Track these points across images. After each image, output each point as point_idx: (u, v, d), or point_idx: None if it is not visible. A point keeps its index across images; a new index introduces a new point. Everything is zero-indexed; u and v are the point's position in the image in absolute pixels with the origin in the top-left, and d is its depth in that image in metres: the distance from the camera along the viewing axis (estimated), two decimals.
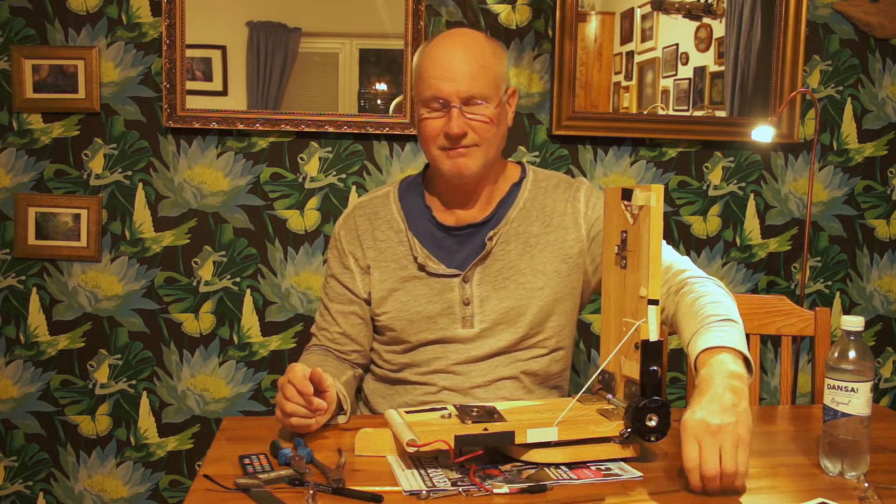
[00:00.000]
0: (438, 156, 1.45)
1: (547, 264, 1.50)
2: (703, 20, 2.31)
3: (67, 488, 2.29)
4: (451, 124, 1.40)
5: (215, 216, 2.27)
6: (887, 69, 2.44)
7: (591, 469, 1.16)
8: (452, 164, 1.44)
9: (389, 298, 1.51)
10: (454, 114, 1.40)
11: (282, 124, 2.22)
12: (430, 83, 1.41)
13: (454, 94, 1.40)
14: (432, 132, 1.44)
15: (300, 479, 1.10)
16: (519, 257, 1.49)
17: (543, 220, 1.52)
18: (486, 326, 1.48)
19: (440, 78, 1.41)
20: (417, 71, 1.46)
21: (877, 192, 2.48)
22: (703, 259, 2.42)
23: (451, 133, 1.41)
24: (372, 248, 1.54)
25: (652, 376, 1.15)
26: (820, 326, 1.78)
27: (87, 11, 2.19)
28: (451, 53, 1.42)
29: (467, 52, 1.42)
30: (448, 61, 1.41)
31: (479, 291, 1.48)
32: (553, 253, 1.50)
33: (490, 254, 1.49)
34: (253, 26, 2.19)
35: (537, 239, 1.51)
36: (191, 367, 2.29)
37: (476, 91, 1.41)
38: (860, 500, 1.06)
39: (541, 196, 1.54)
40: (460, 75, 1.40)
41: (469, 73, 1.41)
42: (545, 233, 1.52)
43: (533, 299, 1.48)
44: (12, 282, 2.24)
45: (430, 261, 1.49)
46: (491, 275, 1.48)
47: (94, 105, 2.20)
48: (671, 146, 2.38)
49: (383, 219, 1.55)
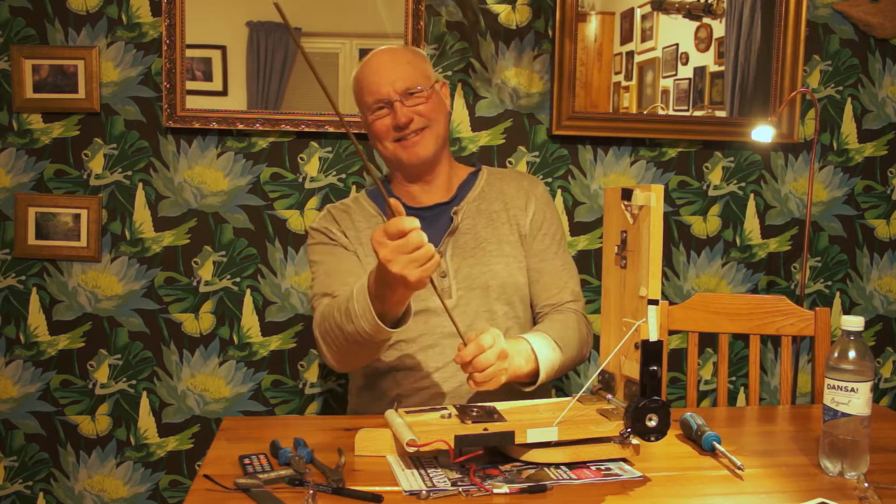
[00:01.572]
0: (394, 149, 1.61)
1: (510, 235, 1.67)
2: (703, 20, 2.31)
3: (67, 488, 2.29)
4: (397, 115, 1.57)
5: (215, 216, 2.27)
6: (887, 69, 2.44)
7: (591, 469, 1.16)
8: (409, 153, 1.60)
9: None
10: (397, 106, 1.57)
11: (282, 124, 2.22)
12: (370, 89, 1.59)
13: (392, 91, 1.57)
14: (383, 129, 1.60)
15: (300, 479, 1.10)
16: (485, 230, 1.65)
17: (503, 200, 1.70)
18: (462, 294, 1.60)
19: (376, 82, 1.58)
20: (356, 88, 1.65)
21: (877, 192, 2.48)
22: (703, 259, 2.42)
23: (400, 122, 1.57)
24: (351, 228, 1.66)
25: (652, 376, 1.15)
26: (820, 326, 1.78)
27: (87, 11, 2.19)
28: (379, 60, 1.61)
29: (393, 56, 1.62)
30: (379, 66, 1.60)
31: (454, 263, 1.62)
32: (513, 227, 1.67)
33: (458, 228, 1.64)
34: (253, 26, 2.19)
35: (498, 215, 1.68)
36: (191, 367, 2.29)
37: (410, 82, 1.58)
38: (860, 500, 1.06)
39: (497, 182, 1.73)
40: (393, 75, 1.58)
41: (399, 70, 1.59)
42: (505, 210, 1.69)
43: (502, 264, 1.64)
44: (12, 282, 2.24)
45: None
46: (461, 247, 1.63)
47: (94, 105, 2.20)
48: (671, 146, 2.38)
49: (357, 212, 1.70)
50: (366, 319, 1.32)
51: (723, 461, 1.22)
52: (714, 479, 1.16)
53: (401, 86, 1.58)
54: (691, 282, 2.43)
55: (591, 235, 2.37)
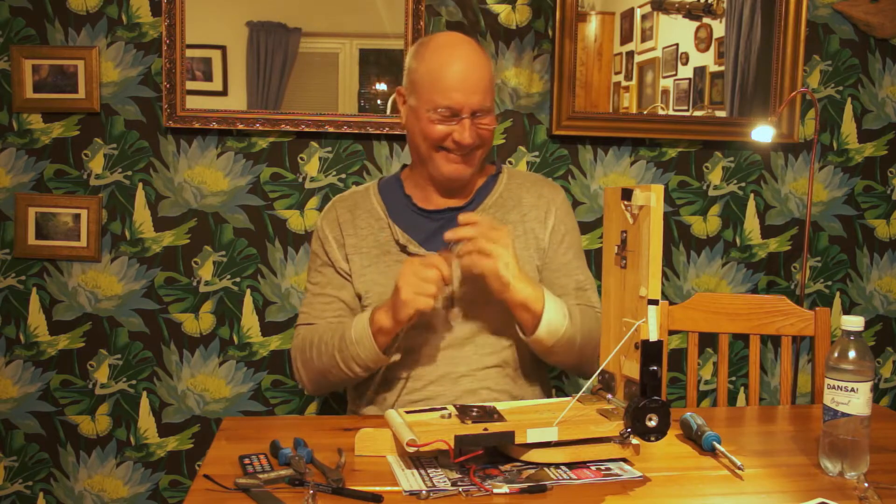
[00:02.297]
0: (436, 157, 1.54)
1: (523, 251, 1.58)
2: (703, 20, 2.31)
3: (67, 488, 2.29)
4: (465, 135, 1.49)
5: (215, 216, 2.27)
6: (887, 69, 2.44)
7: (591, 469, 1.16)
8: (454, 169, 1.54)
9: (373, 282, 1.56)
10: (467, 124, 1.50)
11: (282, 124, 2.22)
12: (447, 94, 1.49)
13: (467, 107, 1.49)
14: (438, 135, 1.51)
15: (300, 479, 1.10)
16: None
17: (521, 211, 1.62)
18: (466, 304, 1.53)
19: (457, 90, 1.48)
20: (426, 77, 1.52)
21: (877, 192, 2.48)
22: (703, 259, 2.42)
23: (465, 143, 1.50)
24: (352, 234, 1.60)
25: (652, 376, 1.15)
26: (820, 326, 1.78)
27: (87, 11, 2.19)
28: (465, 66, 1.50)
29: (478, 66, 1.51)
30: (464, 74, 1.49)
31: (458, 272, 1.53)
32: (528, 241, 1.60)
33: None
34: (253, 26, 2.19)
35: (514, 226, 1.59)
36: (191, 367, 2.29)
37: (485, 103, 1.51)
38: (860, 500, 1.06)
39: (516, 189, 1.64)
40: (474, 89, 1.49)
41: (481, 87, 1.50)
42: (522, 222, 1.61)
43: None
44: (12, 282, 2.24)
45: (410, 244, 1.56)
46: None
47: (94, 105, 2.20)
48: (671, 146, 2.38)
49: (363, 209, 1.63)
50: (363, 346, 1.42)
51: (723, 461, 1.22)
52: (714, 479, 1.16)
53: (477, 104, 1.50)
54: (691, 282, 2.43)
55: (591, 235, 2.37)
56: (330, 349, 1.49)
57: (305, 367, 1.56)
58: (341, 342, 1.47)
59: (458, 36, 1.58)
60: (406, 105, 1.59)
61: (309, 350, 1.54)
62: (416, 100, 1.54)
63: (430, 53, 1.53)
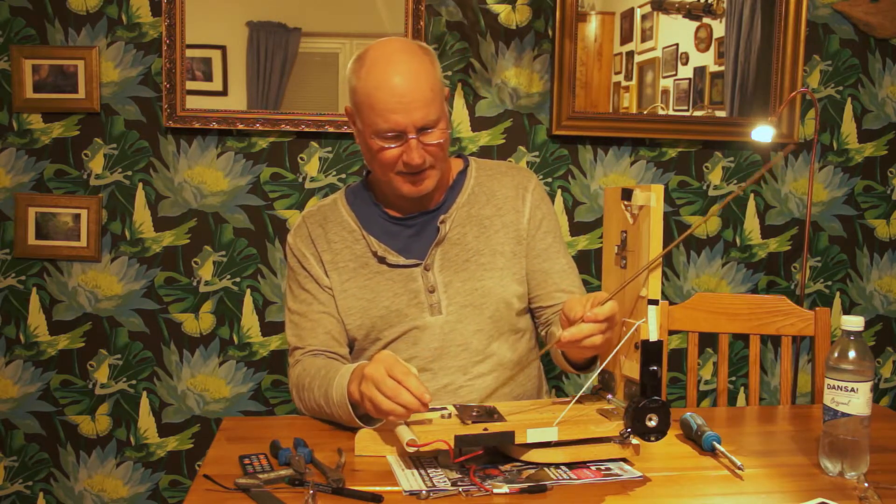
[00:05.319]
0: (395, 179, 1.46)
1: (504, 245, 1.53)
2: (703, 20, 2.31)
3: (67, 488, 2.29)
4: (411, 155, 1.40)
5: (215, 216, 2.27)
6: (887, 69, 2.44)
7: (591, 469, 1.16)
8: (412, 189, 1.46)
9: (355, 297, 1.51)
10: (413, 145, 1.40)
11: (282, 124, 2.22)
12: (386, 117, 1.39)
13: (410, 126, 1.39)
14: (390, 160, 1.43)
15: (300, 479, 1.10)
16: (476, 239, 1.52)
17: (495, 203, 1.56)
18: (453, 311, 1.49)
19: (394, 111, 1.38)
20: (364, 99, 1.42)
21: (877, 192, 2.48)
22: (703, 259, 2.42)
23: (413, 164, 1.41)
24: (327, 250, 1.53)
25: (652, 376, 1.15)
26: (820, 326, 1.78)
27: (87, 11, 2.19)
28: (400, 80, 1.39)
29: (416, 77, 1.40)
30: (402, 90, 1.38)
31: (442, 277, 1.50)
32: (508, 234, 1.54)
33: (446, 238, 1.51)
34: (253, 26, 2.19)
35: (491, 220, 1.54)
36: (191, 367, 2.29)
37: (430, 118, 1.40)
38: (860, 500, 1.06)
39: (487, 182, 1.58)
40: (414, 105, 1.38)
41: (421, 100, 1.39)
42: (498, 215, 1.55)
43: (496, 279, 1.51)
44: (12, 282, 2.24)
45: (389, 254, 1.50)
46: (451, 259, 1.51)
47: (94, 105, 2.20)
48: (671, 146, 2.38)
49: (334, 222, 1.55)
50: (343, 411, 1.32)
51: (723, 461, 1.22)
52: (714, 479, 1.16)
53: (420, 119, 1.39)
54: (691, 282, 2.43)
55: (591, 235, 2.37)
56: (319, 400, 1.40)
57: (302, 403, 1.48)
58: (327, 398, 1.37)
59: (393, 44, 1.45)
60: (355, 127, 1.50)
61: (302, 391, 1.46)
62: (361, 123, 1.45)
63: (365, 72, 1.42)
